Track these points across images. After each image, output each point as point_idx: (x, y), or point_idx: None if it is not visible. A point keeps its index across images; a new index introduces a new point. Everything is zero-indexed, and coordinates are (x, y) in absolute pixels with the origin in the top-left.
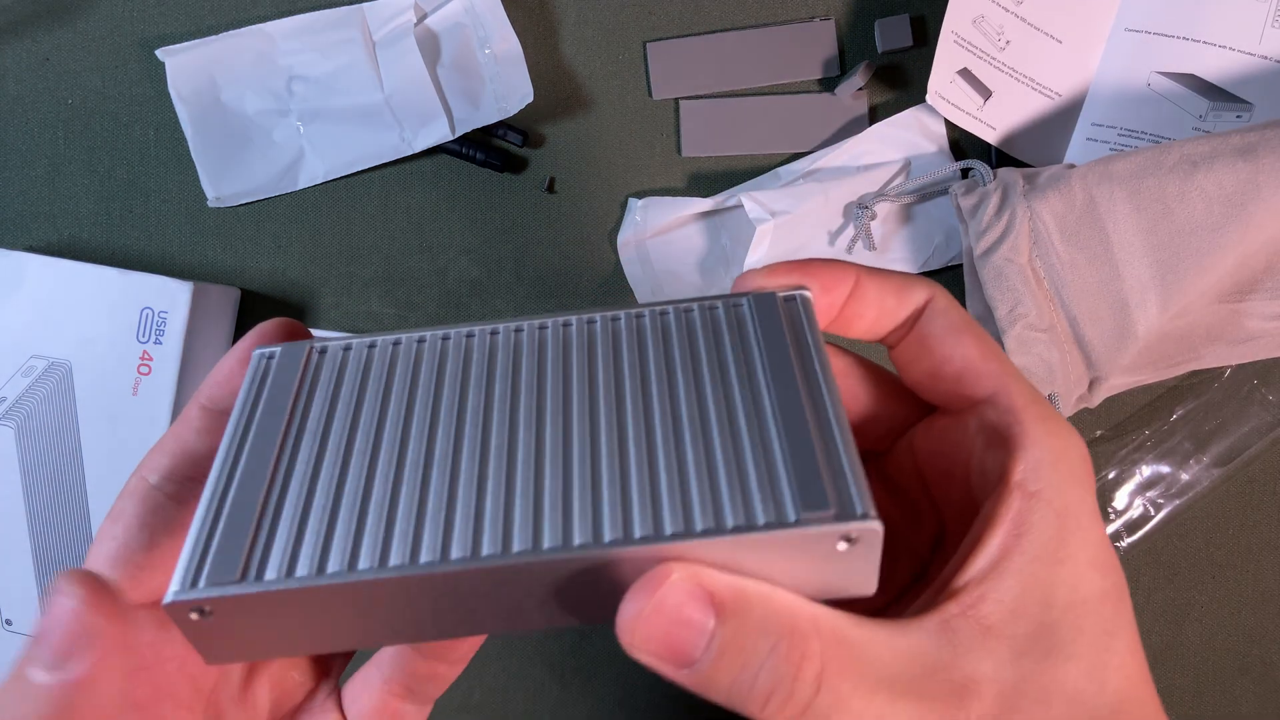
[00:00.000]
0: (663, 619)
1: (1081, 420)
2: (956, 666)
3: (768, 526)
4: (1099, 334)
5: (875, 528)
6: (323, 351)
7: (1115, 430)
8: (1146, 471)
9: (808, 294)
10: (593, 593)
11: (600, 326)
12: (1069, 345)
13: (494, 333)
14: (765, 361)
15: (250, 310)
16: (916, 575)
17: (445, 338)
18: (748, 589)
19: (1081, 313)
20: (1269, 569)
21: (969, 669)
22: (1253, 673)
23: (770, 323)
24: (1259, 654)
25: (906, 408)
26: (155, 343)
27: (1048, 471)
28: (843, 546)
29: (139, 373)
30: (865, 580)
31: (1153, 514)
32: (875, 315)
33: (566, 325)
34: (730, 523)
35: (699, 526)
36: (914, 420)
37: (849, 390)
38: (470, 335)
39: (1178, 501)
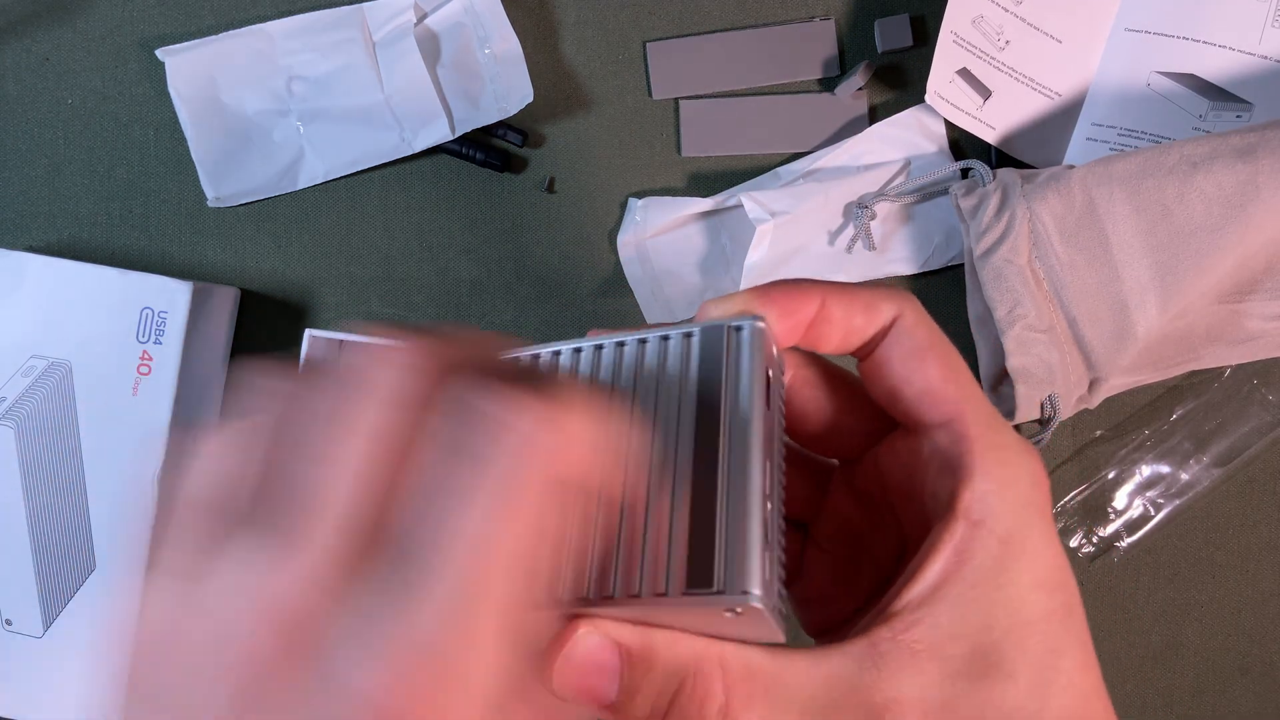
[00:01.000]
0: (574, 668)
1: (1081, 420)
2: (878, 689)
3: (659, 596)
4: (1099, 335)
5: (755, 606)
6: None
7: (1115, 430)
8: (1146, 471)
9: (759, 324)
10: None
11: (565, 360)
12: (1069, 346)
13: None
14: (696, 407)
15: (250, 310)
16: (881, 585)
17: None
18: (654, 638)
19: (1081, 314)
20: (1269, 569)
21: (891, 691)
22: (1253, 673)
23: (710, 362)
24: (1259, 654)
25: (878, 418)
26: (155, 343)
27: (994, 501)
28: (729, 615)
29: (139, 373)
30: (769, 635)
31: (1153, 514)
32: (842, 334)
33: (536, 359)
34: (631, 590)
35: (604, 593)
36: (886, 430)
37: (815, 401)
38: None
39: (1178, 501)
